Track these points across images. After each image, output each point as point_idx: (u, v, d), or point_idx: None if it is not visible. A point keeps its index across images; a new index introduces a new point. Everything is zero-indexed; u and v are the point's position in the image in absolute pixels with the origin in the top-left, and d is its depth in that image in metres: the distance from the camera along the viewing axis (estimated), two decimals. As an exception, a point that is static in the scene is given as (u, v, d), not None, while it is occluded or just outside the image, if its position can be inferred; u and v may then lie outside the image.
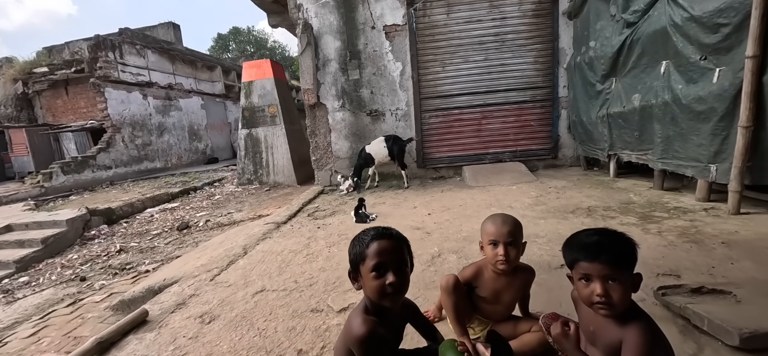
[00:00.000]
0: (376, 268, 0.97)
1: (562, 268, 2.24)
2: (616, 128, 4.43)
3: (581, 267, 0.96)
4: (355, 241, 1.05)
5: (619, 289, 0.92)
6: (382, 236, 1.00)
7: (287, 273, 2.50)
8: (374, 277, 0.97)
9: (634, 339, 0.90)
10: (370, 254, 0.98)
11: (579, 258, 0.96)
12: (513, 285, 1.46)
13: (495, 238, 1.37)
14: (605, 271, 0.92)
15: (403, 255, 1.01)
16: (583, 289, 0.97)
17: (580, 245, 0.97)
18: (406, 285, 1.01)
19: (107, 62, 10.91)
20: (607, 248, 0.92)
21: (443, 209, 3.94)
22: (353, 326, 0.98)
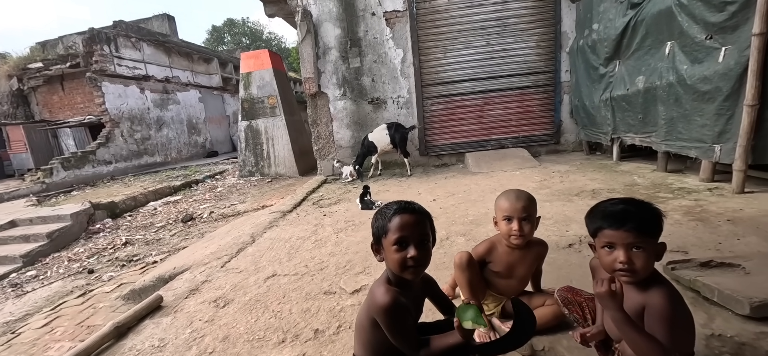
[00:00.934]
0: (398, 242, 0.98)
1: (570, 247, 2.27)
2: (619, 111, 4.43)
3: (605, 235, 0.97)
4: (378, 214, 1.05)
5: (643, 257, 0.93)
6: (405, 211, 1.01)
7: (297, 258, 2.52)
8: (396, 250, 0.98)
9: (657, 302, 0.92)
10: (392, 228, 0.99)
11: (603, 226, 0.97)
12: (526, 259, 1.48)
13: (509, 213, 1.39)
14: (630, 239, 0.92)
15: (425, 230, 1.01)
16: (606, 257, 0.98)
17: (606, 213, 0.97)
18: (427, 260, 1.02)
19: (103, 56, 10.77)
20: (633, 216, 0.93)
21: (448, 195, 3.96)
22: (377, 295, 1.00)
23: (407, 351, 0.99)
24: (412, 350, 0.99)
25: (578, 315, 1.24)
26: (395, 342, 0.98)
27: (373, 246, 1.06)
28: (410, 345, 0.99)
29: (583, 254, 2.16)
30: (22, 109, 13.13)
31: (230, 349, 1.54)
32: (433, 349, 0.98)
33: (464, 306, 0.93)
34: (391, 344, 0.99)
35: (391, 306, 0.96)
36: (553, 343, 1.37)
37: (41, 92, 12.74)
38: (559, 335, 1.40)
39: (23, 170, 12.20)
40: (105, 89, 10.99)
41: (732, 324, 1.38)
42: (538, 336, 1.40)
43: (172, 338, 1.68)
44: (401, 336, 0.98)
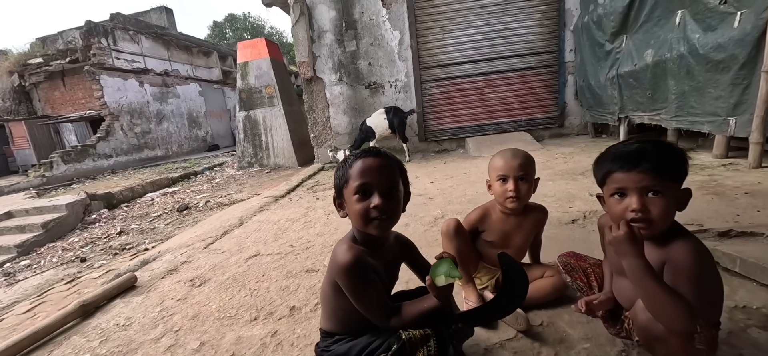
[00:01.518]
0: (360, 190, 0.83)
1: (574, 223, 2.11)
2: (626, 88, 4.22)
3: (615, 180, 0.81)
4: (340, 164, 0.91)
5: (661, 203, 0.76)
6: (368, 154, 0.86)
7: (283, 238, 2.39)
8: (358, 200, 0.83)
9: (681, 256, 0.76)
10: (353, 174, 0.84)
11: (613, 169, 0.81)
12: (523, 227, 1.32)
13: (504, 173, 1.23)
14: (645, 181, 0.76)
15: (392, 176, 0.86)
16: (616, 206, 0.81)
17: (616, 154, 0.81)
18: (395, 211, 0.86)
19: (100, 49, 10.71)
20: (650, 155, 0.76)
21: (446, 178, 3.80)
22: (337, 254, 0.85)
23: (375, 319, 0.85)
24: (381, 318, 0.85)
25: (582, 282, 1.09)
26: (361, 309, 0.84)
27: (335, 200, 0.92)
28: (378, 312, 0.85)
29: (587, 229, 2.00)
30: (24, 105, 13.16)
31: (198, 327, 1.41)
32: (406, 316, 0.84)
33: (438, 262, 0.78)
34: (359, 313, 0.85)
35: (352, 265, 0.81)
36: (552, 318, 1.22)
37: (43, 87, 12.74)
38: (559, 309, 1.25)
39: (27, 166, 12.26)
40: (104, 83, 10.94)
41: (757, 294, 1.21)
42: (536, 310, 1.25)
43: (139, 316, 1.56)
44: (366, 302, 0.84)
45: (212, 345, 1.28)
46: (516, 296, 0.80)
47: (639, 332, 0.80)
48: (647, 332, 0.76)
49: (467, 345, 1.10)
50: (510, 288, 0.81)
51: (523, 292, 0.81)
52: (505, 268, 0.81)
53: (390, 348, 0.78)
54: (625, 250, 0.76)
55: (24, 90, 12.90)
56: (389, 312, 0.85)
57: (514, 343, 1.12)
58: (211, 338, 1.33)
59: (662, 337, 0.74)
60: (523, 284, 0.80)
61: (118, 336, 1.43)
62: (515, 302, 0.81)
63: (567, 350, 1.06)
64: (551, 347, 1.08)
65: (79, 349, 1.38)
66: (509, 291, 0.81)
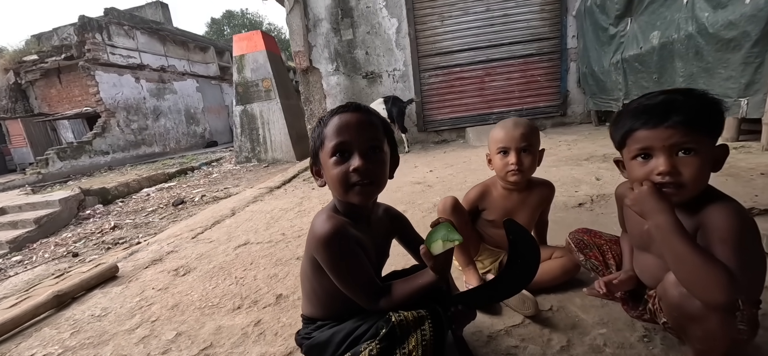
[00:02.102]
0: (337, 150, 0.72)
1: (581, 207, 2.00)
2: (631, 73, 4.08)
3: (638, 139, 0.69)
4: (316, 122, 0.79)
5: (694, 163, 0.64)
6: (345, 109, 0.74)
7: (275, 227, 2.29)
8: (335, 163, 0.72)
9: (717, 219, 0.64)
10: (329, 133, 0.73)
11: (636, 127, 0.68)
12: (528, 204, 1.21)
13: (505, 144, 1.12)
14: (675, 138, 0.64)
15: (374, 134, 0.74)
16: (639, 170, 0.70)
17: (640, 109, 0.69)
18: (379, 176, 0.74)
19: (95, 44, 10.56)
20: (680, 106, 0.64)
21: (446, 167, 3.69)
22: (315, 225, 0.73)
23: (360, 300, 0.73)
24: (367, 298, 0.73)
25: (597, 260, 0.98)
26: (343, 288, 0.72)
27: (312, 167, 0.80)
28: (363, 292, 0.73)
29: (595, 212, 1.89)
30: (21, 103, 13.04)
31: (177, 317, 1.30)
32: (397, 296, 0.72)
33: (433, 229, 0.67)
34: (343, 294, 0.74)
35: (331, 236, 0.69)
36: (563, 302, 1.10)
37: (39, 85, 12.61)
38: (569, 292, 1.14)
39: (25, 165, 12.17)
40: (99, 79, 10.81)
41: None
42: (545, 294, 1.14)
43: (116, 307, 1.45)
44: (349, 279, 0.72)
45: (189, 335, 1.17)
46: (525, 269, 0.69)
47: (669, 311, 0.68)
48: (680, 310, 0.65)
49: (468, 331, 0.99)
50: (518, 261, 0.69)
51: (534, 265, 0.69)
52: (512, 237, 0.69)
53: (378, 332, 0.66)
54: (650, 207, 0.64)
55: (20, 88, 12.77)
56: (377, 291, 0.74)
57: (521, 330, 1.01)
58: (189, 328, 1.22)
59: (699, 316, 0.63)
60: (533, 255, 0.69)
61: (91, 328, 1.32)
62: (525, 277, 0.69)
63: (581, 336, 0.95)
64: (563, 333, 0.97)
65: (48, 341, 1.28)
66: (517, 263, 0.70)
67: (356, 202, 0.73)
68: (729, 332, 0.63)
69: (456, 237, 0.63)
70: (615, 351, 0.88)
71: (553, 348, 0.93)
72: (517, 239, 0.69)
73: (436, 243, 0.64)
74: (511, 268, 0.71)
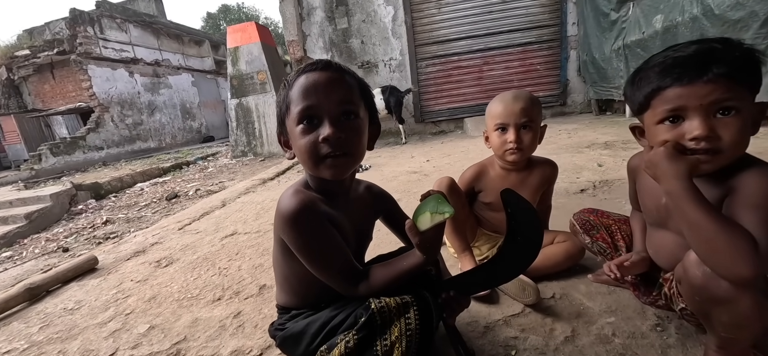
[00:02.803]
0: (303, 117, 0.61)
1: (583, 192, 1.92)
2: (633, 59, 3.99)
3: (668, 98, 0.58)
4: (282, 83, 0.68)
5: (736, 124, 0.55)
6: (313, 67, 0.63)
7: (264, 217, 2.20)
8: (302, 131, 0.62)
9: (749, 185, 0.56)
10: (294, 97, 0.62)
11: (666, 84, 0.58)
12: (528, 184, 1.12)
13: (503, 120, 1.02)
14: (715, 95, 0.54)
15: (348, 96, 0.63)
16: (666, 135, 0.60)
17: (670, 62, 0.58)
18: (354, 145, 0.64)
19: (87, 38, 10.37)
20: (721, 56, 0.54)
21: (443, 156, 3.60)
22: (281, 206, 0.63)
23: (337, 285, 0.64)
24: (344, 282, 0.64)
25: (605, 242, 0.89)
26: (317, 272, 0.63)
27: (280, 137, 0.69)
28: (339, 276, 0.63)
29: (598, 198, 1.81)
30: (14, 99, 12.86)
31: (153, 309, 1.22)
32: (378, 281, 0.63)
33: (422, 202, 0.58)
34: (318, 280, 0.65)
35: (298, 212, 0.60)
36: (566, 289, 1.02)
37: (32, 81, 12.43)
38: (573, 279, 1.06)
39: (19, 161, 12.02)
40: (92, 73, 10.63)
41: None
42: (546, 281, 1.06)
43: (91, 300, 1.37)
44: (321, 261, 0.63)
45: (163, 328, 1.09)
46: (527, 247, 0.60)
47: (691, 294, 0.60)
48: (704, 292, 0.56)
49: (462, 321, 0.91)
50: (518, 237, 0.61)
51: (537, 240, 0.60)
52: (510, 209, 0.60)
53: (356, 321, 0.58)
54: (665, 170, 0.56)
55: (13, 84, 12.58)
56: (356, 275, 0.65)
57: (522, 319, 0.92)
58: (164, 321, 1.13)
59: (727, 298, 0.54)
60: (535, 230, 0.60)
61: (62, 321, 1.24)
62: (526, 255, 0.60)
63: (587, 326, 0.86)
64: (567, 322, 0.89)
65: (15, 336, 1.19)
66: (517, 240, 0.61)
67: (328, 176, 0.64)
68: (762, 317, 0.54)
69: (447, 209, 0.54)
70: (625, 342, 0.80)
71: (556, 338, 0.85)
72: (517, 212, 0.60)
73: (424, 216, 0.55)
74: (509, 245, 0.62)
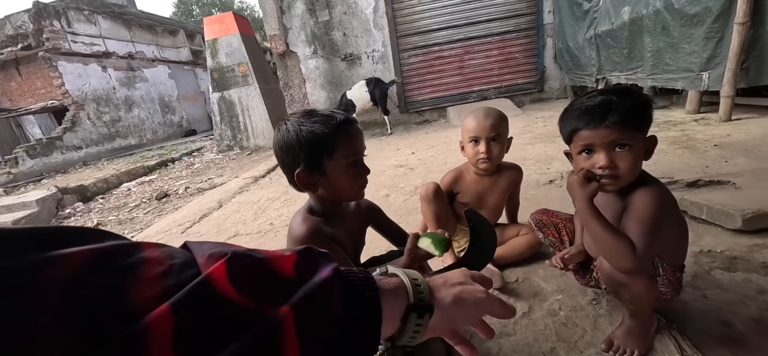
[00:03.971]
0: (356, 162, 0.81)
1: (551, 184, 2.14)
2: (604, 48, 4.21)
3: (582, 137, 0.79)
4: (305, 126, 0.76)
5: (629, 157, 0.75)
6: (353, 124, 0.82)
7: (263, 218, 2.34)
8: (354, 173, 0.82)
9: (639, 201, 0.76)
10: (345, 144, 0.78)
11: (579, 127, 0.78)
12: (498, 186, 1.32)
13: (476, 134, 1.22)
14: (613, 136, 0.74)
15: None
16: (584, 164, 0.80)
17: (581, 110, 0.79)
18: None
19: (54, 32, 9.88)
20: (615, 108, 0.74)
21: (427, 148, 3.78)
22: (292, 228, 0.82)
23: None
24: None
25: (554, 237, 1.10)
26: None
27: (303, 177, 0.78)
28: None
29: (563, 189, 2.01)
30: (-21, 99, 12.20)
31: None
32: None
33: (433, 233, 0.78)
34: None
35: (307, 236, 0.78)
36: (527, 274, 1.23)
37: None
38: (534, 265, 1.27)
39: (-10, 164, 11.53)
40: (62, 69, 10.19)
41: (722, 239, 1.26)
42: (512, 267, 1.27)
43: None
44: None
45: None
46: (484, 251, 0.79)
47: (604, 279, 0.81)
48: (612, 279, 0.77)
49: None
50: (478, 244, 0.80)
51: (492, 247, 0.79)
52: (471, 224, 0.79)
53: None
54: (576, 193, 0.78)
55: (-25, 82, 11.91)
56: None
57: (490, 302, 1.13)
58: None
59: (625, 283, 0.75)
60: (490, 238, 0.79)
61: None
62: (484, 257, 0.80)
63: (541, 302, 1.08)
64: (526, 301, 1.10)
65: None
66: (477, 246, 0.80)
67: (359, 199, 0.88)
68: (652, 294, 0.76)
69: (437, 253, 0.75)
70: (568, 314, 1.01)
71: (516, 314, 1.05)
72: (476, 226, 0.79)
73: (425, 240, 0.74)
74: (472, 250, 0.81)
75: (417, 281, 0.39)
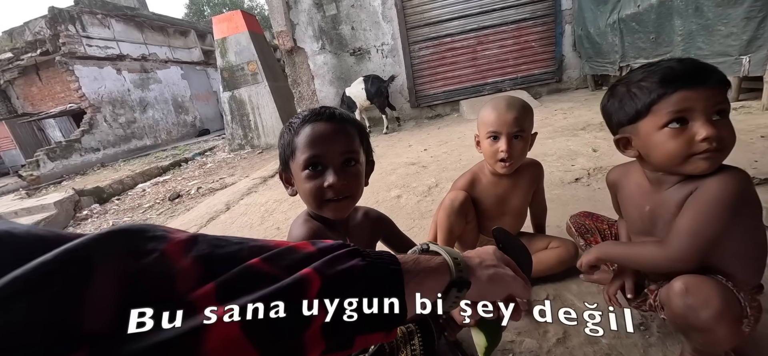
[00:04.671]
0: (309, 164, 0.68)
1: (577, 182, 1.97)
2: (628, 33, 3.95)
3: (674, 101, 0.61)
4: (285, 128, 0.73)
5: (729, 125, 0.62)
6: (318, 117, 0.69)
7: (270, 221, 2.26)
8: (307, 177, 0.68)
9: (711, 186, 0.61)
10: (301, 144, 0.68)
11: (670, 90, 0.61)
12: (519, 187, 1.17)
13: (495, 129, 1.04)
14: (717, 98, 0.60)
15: (349, 145, 0.70)
16: (673, 140, 0.62)
17: (674, 72, 0.62)
18: (355, 189, 0.72)
19: (69, 37, 10.09)
20: (710, 68, 0.61)
21: (440, 144, 3.63)
22: (292, 231, 0.73)
23: None
24: None
25: None
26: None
27: (281, 175, 0.76)
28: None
29: (592, 188, 1.86)
30: (4, 104, 12.66)
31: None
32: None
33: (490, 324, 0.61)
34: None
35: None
36: (559, 290, 1.09)
37: (19, 84, 12.18)
38: (566, 280, 1.13)
39: (16, 167, 11.97)
40: (79, 73, 10.42)
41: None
42: (541, 284, 1.13)
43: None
44: None
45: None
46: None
47: (672, 317, 0.66)
48: (684, 320, 0.63)
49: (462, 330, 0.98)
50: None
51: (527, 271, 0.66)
52: (501, 245, 0.66)
53: (365, 349, 0.64)
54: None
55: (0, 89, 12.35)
56: None
57: (517, 323, 0.99)
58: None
59: (704, 328, 0.60)
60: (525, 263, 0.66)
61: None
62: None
63: (577, 326, 0.94)
64: (559, 324, 0.96)
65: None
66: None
67: (331, 217, 0.72)
68: (735, 338, 0.61)
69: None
70: (610, 342, 0.87)
71: (549, 340, 0.92)
72: (507, 249, 0.65)
73: (482, 337, 0.58)
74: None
75: (457, 260, 0.43)
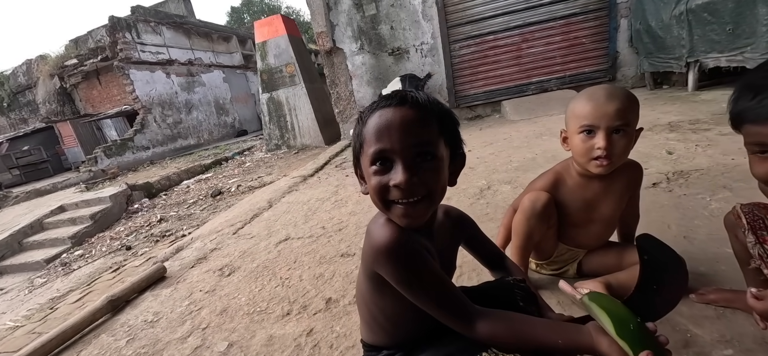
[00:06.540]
0: (377, 159, 0.56)
1: (655, 187, 1.75)
2: (698, 25, 3.55)
3: None
4: (359, 116, 0.63)
5: None
6: (387, 103, 0.57)
7: (314, 220, 2.22)
8: (374, 173, 0.57)
9: None
10: (368, 136, 0.57)
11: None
12: (612, 191, 1.01)
13: (591, 122, 0.88)
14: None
15: (424, 136, 0.56)
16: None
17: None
18: (432, 188, 0.57)
19: (126, 43, 10.96)
20: None
21: (484, 145, 3.45)
22: (373, 235, 0.59)
23: (453, 321, 0.58)
24: (460, 318, 0.57)
25: None
26: (427, 306, 0.57)
27: (356, 169, 0.65)
28: (454, 308, 0.58)
29: (675, 194, 1.64)
30: (68, 106, 14.01)
31: (226, 324, 1.26)
32: (502, 331, 0.57)
33: (596, 297, 0.50)
34: (411, 316, 0.61)
35: (395, 243, 0.55)
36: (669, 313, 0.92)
37: (82, 88, 13.43)
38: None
39: (78, 163, 13.17)
40: (133, 77, 11.28)
41: None
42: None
43: (167, 311, 1.45)
44: (431, 294, 0.57)
45: (241, 345, 1.12)
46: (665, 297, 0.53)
47: None
48: None
49: None
50: (652, 286, 0.53)
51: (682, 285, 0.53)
52: (646, 258, 0.53)
53: None
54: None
55: (65, 91, 13.68)
56: (468, 309, 0.58)
57: (619, 347, 0.84)
58: (240, 337, 1.17)
59: None
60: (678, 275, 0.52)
61: (145, 335, 1.32)
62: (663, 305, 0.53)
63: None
64: (674, 352, 0.80)
65: (106, 349, 1.29)
66: (650, 289, 0.54)
67: (399, 223, 0.58)
68: None
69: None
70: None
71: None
72: (652, 260, 0.52)
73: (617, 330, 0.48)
74: (640, 295, 0.55)
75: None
